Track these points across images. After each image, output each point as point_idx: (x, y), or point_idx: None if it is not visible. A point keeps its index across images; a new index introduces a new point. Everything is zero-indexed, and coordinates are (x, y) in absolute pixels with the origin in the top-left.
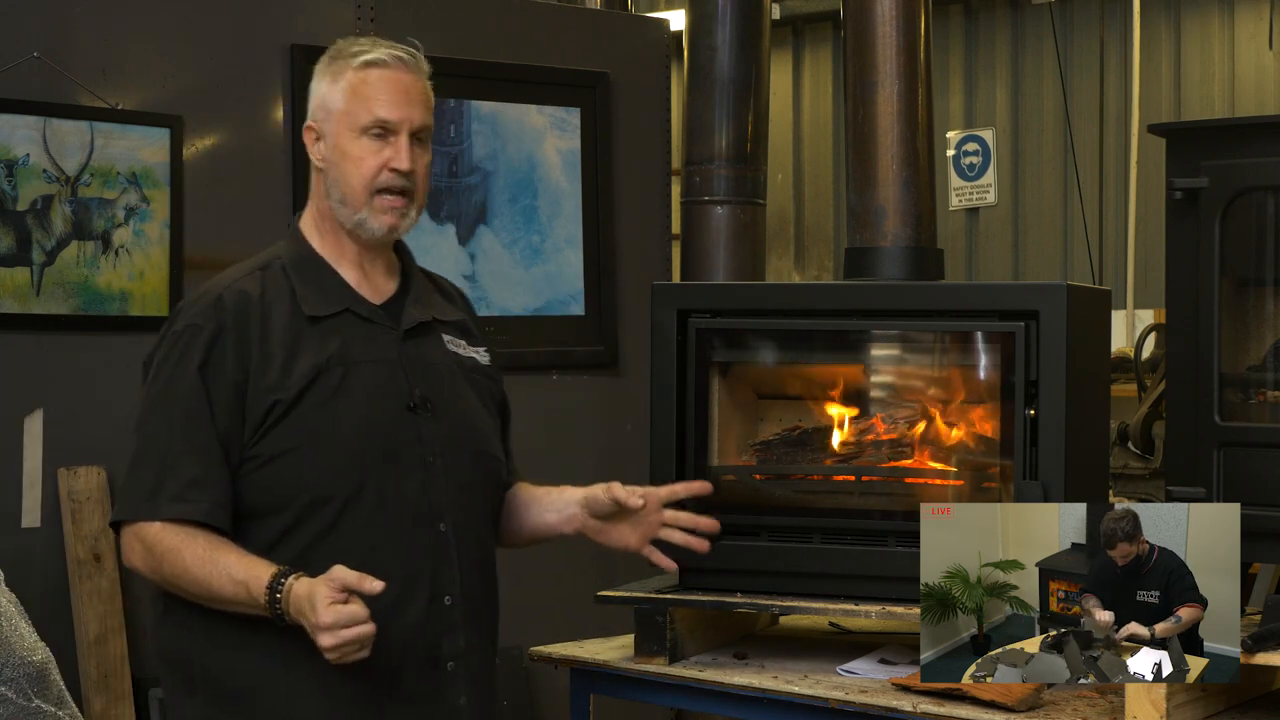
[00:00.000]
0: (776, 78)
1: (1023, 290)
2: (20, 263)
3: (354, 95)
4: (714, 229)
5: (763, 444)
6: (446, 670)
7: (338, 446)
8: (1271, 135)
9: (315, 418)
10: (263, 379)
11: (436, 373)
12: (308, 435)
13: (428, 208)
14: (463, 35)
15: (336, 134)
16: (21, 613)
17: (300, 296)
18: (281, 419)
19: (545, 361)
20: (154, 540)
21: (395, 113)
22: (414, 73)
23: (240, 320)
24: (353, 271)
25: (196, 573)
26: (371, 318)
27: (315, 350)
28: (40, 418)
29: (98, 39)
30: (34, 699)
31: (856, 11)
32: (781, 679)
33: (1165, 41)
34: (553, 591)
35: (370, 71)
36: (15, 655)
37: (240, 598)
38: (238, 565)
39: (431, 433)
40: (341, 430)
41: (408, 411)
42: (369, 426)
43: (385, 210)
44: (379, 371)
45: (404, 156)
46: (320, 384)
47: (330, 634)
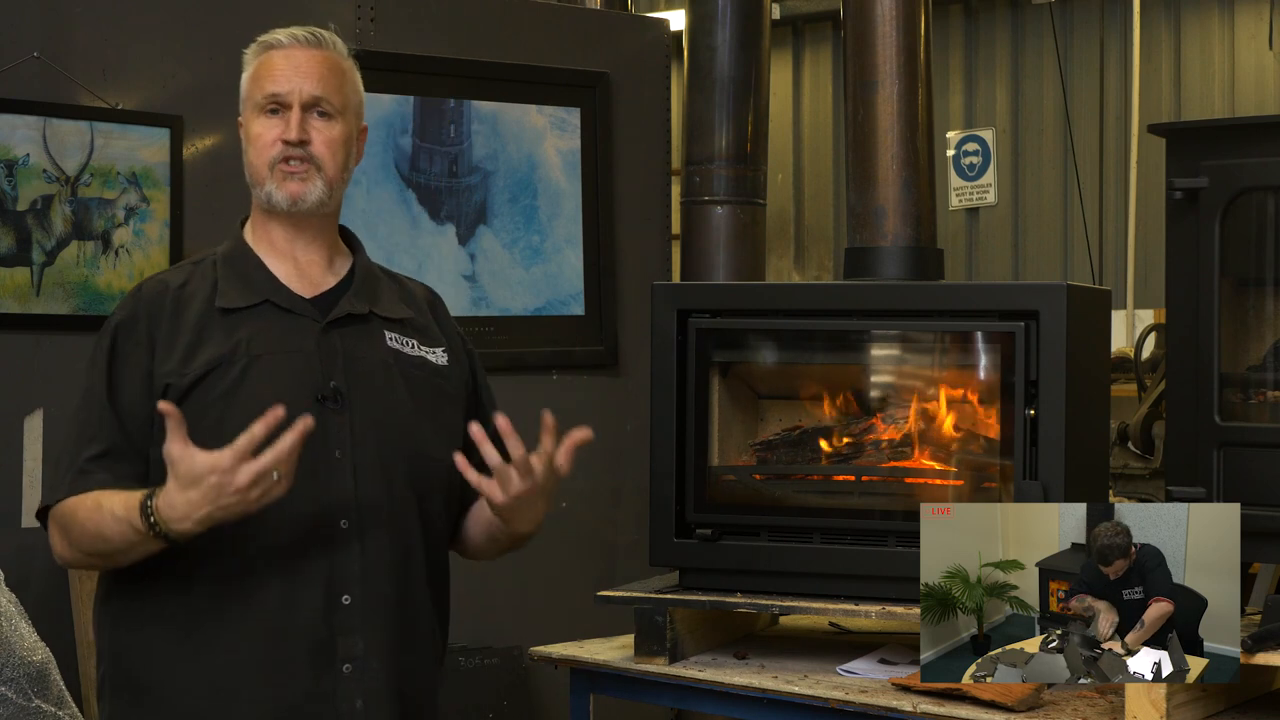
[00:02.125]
0: (776, 78)
1: (1023, 290)
2: (20, 263)
3: (253, 78)
4: (714, 229)
5: (763, 444)
6: (342, 672)
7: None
8: (1271, 135)
9: (213, 409)
10: (163, 365)
11: (363, 367)
12: (206, 427)
13: (427, 207)
14: (463, 35)
15: (246, 119)
16: (21, 613)
17: (220, 289)
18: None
19: (545, 361)
20: (60, 515)
21: (283, 85)
22: (310, 47)
23: (153, 308)
24: (284, 264)
25: (90, 526)
26: (293, 309)
27: (220, 342)
28: (40, 418)
29: (98, 39)
30: (34, 699)
31: (856, 11)
32: (781, 679)
33: (1165, 41)
34: (553, 591)
35: (270, 53)
36: (15, 655)
37: (126, 533)
38: (117, 502)
39: (340, 426)
40: (235, 423)
41: (315, 403)
42: None
43: (285, 177)
44: (290, 362)
45: (292, 127)
46: (218, 375)
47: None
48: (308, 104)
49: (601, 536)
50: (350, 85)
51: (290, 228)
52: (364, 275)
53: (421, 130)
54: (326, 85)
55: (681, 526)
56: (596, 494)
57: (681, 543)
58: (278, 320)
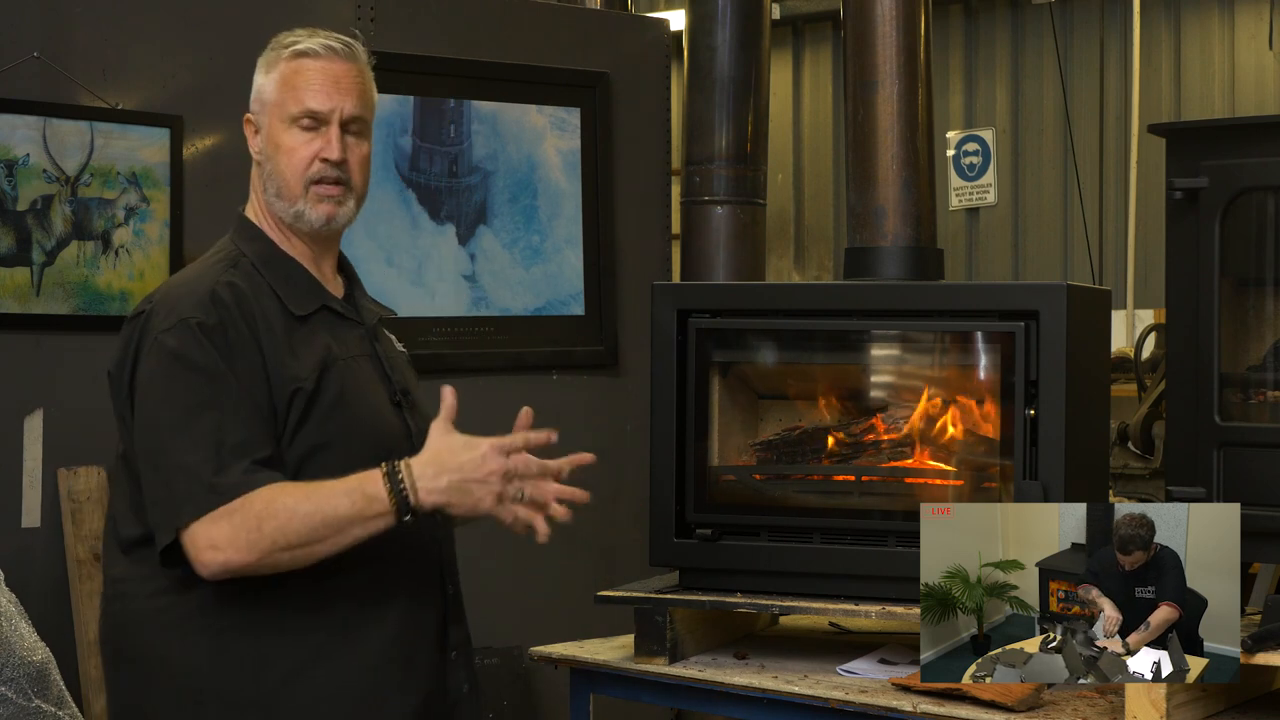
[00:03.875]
0: (776, 78)
1: (1023, 290)
2: (20, 263)
3: (285, 85)
4: (714, 229)
5: (763, 444)
6: (450, 659)
7: (363, 442)
8: (1271, 135)
9: (337, 413)
10: (282, 368)
11: (401, 368)
12: (335, 431)
13: (427, 207)
14: (463, 35)
15: (270, 125)
16: (21, 613)
17: (284, 294)
18: (305, 414)
19: (545, 361)
20: (240, 509)
21: (324, 102)
22: (347, 61)
23: (243, 311)
24: (313, 269)
25: (306, 506)
26: (345, 314)
27: (312, 347)
28: (40, 418)
29: (98, 39)
30: (34, 699)
31: (856, 11)
32: (781, 679)
33: (1165, 41)
34: (553, 591)
35: (301, 61)
36: (15, 655)
37: (357, 504)
38: (338, 483)
39: (415, 427)
40: (362, 426)
41: (394, 406)
42: (377, 423)
43: (321, 200)
44: (364, 367)
45: (334, 146)
46: (329, 380)
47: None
48: (345, 122)
49: (601, 536)
50: (374, 100)
51: (310, 239)
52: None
53: (421, 130)
54: (362, 103)
55: (681, 526)
56: (596, 494)
57: (681, 543)
58: (337, 326)
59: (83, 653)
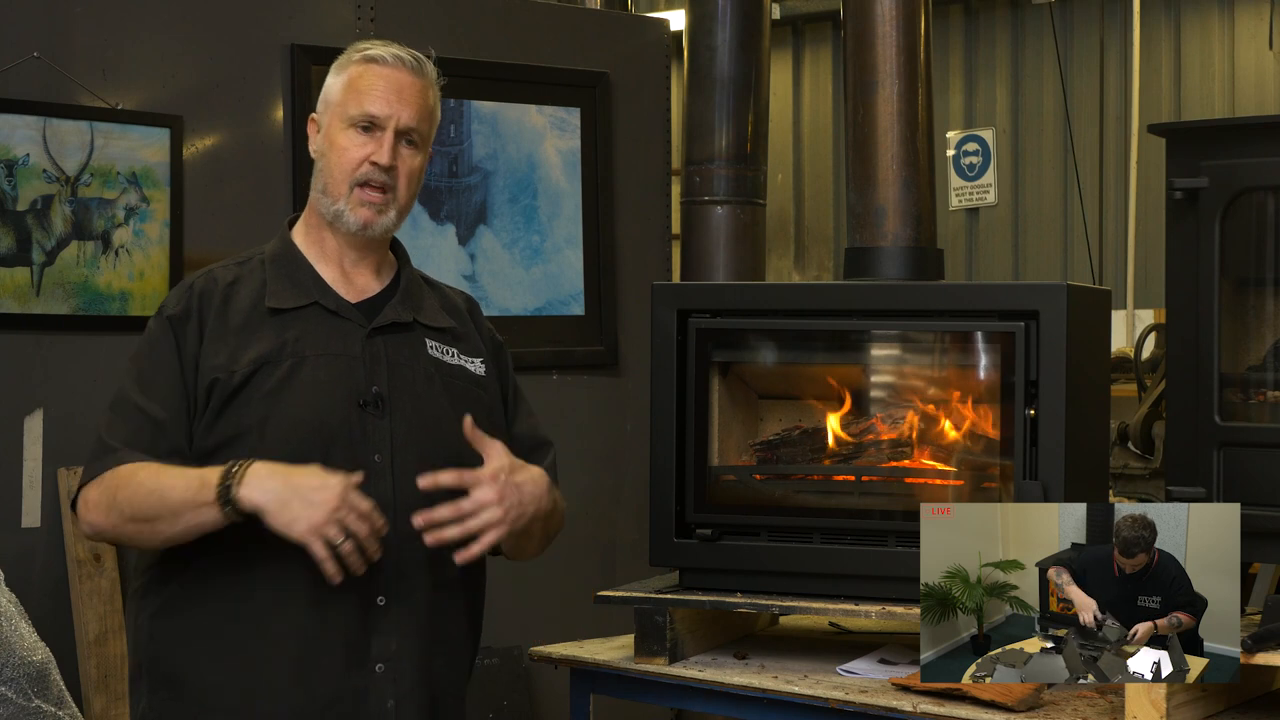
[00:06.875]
0: (776, 78)
1: (1023, 290)
2: (20, 263)
3: (349, 88)
4: (714, 229)
5: (763, 444)
6: (374, 672)
7: (278, 437)
8: (1271, 135)
9: (259, 407)
10: (209, 359)
11: (405, 373)
12: (250, 424)
13: (427, 207)
14: (463, 35)
15: (329, 125)
16: (21, 613)
17: (269, 289)
18: (223, 407)
19: (545, 361)
20: (107, 479)
21: (383, 108)
22: (413, 74)
23: (203, 302)
24: (331, 269)
25: (150, 484)
26: (339, 312)
27: (269, 340)
28: (40, 418)
29: (98, 39)
30: (34, 699)
31: (856, 11)
32: (781, 679)
33: (1165, 41)
34: (553, 591)
35: (369, 67)
36: (15, 655)
37: (192, 487)
38: (191, 469)
39: (380, 431)
40: (283, 422)
41: (357, 408)
42: (311, 420)
43: (362, 204)
44: (334, 365)
45: (385, 151)
46: (265, 373)
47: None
48: (401, 131)
49: (601, 536)
50: (435, 117)
51: (345, 241)
52: (409, 283)
53: None
54: (421, 116)
55: (681, 526)
56: (596, 494)
57: (681, 543)
58: (324, 323)
59: (83, 653)
